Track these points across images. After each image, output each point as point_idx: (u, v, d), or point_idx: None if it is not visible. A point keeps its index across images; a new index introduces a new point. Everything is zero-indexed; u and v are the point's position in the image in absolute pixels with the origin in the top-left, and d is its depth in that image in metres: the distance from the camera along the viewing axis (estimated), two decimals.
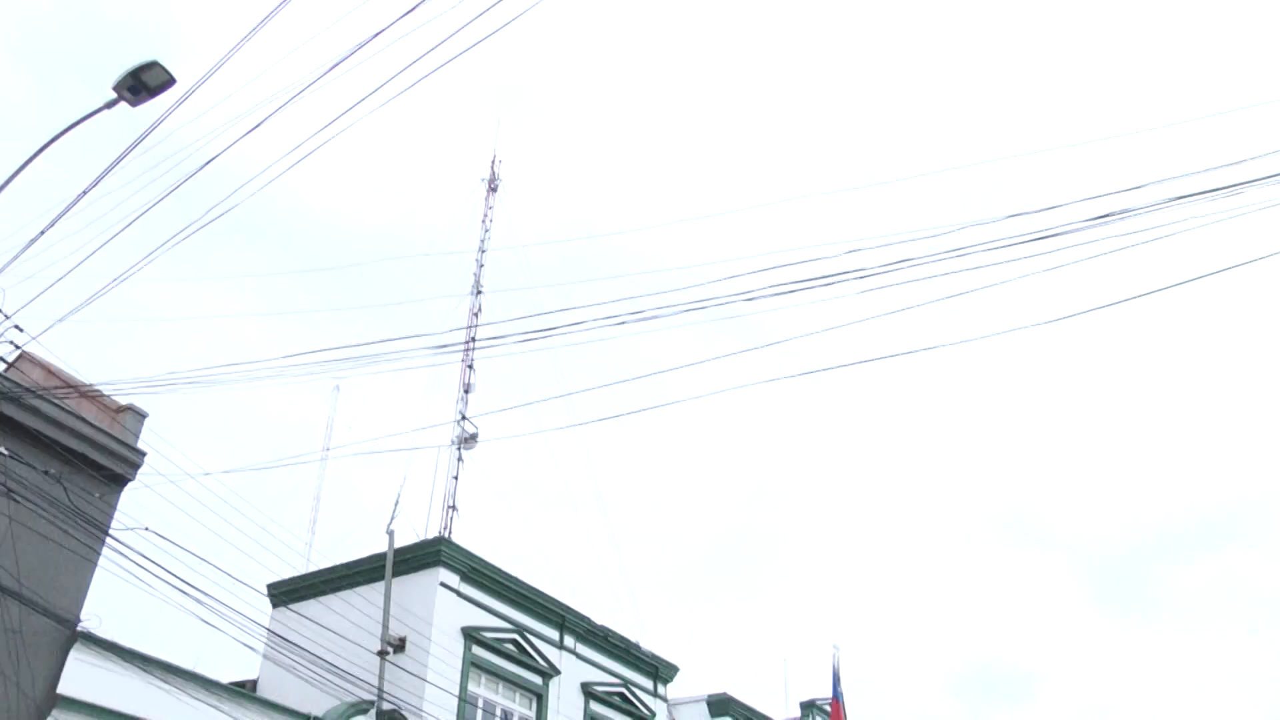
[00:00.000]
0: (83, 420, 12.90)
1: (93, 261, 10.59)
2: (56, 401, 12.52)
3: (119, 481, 13.29)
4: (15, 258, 10.05)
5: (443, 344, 10.96)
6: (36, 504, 11.89)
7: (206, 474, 13.28)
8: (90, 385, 13.12)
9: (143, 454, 13.56)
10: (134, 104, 10.00)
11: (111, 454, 13.14)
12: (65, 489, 12.32)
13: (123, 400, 13.82)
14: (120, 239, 10.38)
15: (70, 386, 12.79)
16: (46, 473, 12.17)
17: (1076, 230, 8.78)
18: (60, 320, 10.77)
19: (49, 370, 13.10)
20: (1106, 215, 8.70)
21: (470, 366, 22.54)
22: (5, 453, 11.84)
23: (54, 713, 11.87)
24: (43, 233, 9.90)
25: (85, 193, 9.59)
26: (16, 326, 10.71)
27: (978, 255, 8.90)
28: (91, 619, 12.48)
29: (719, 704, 29.09)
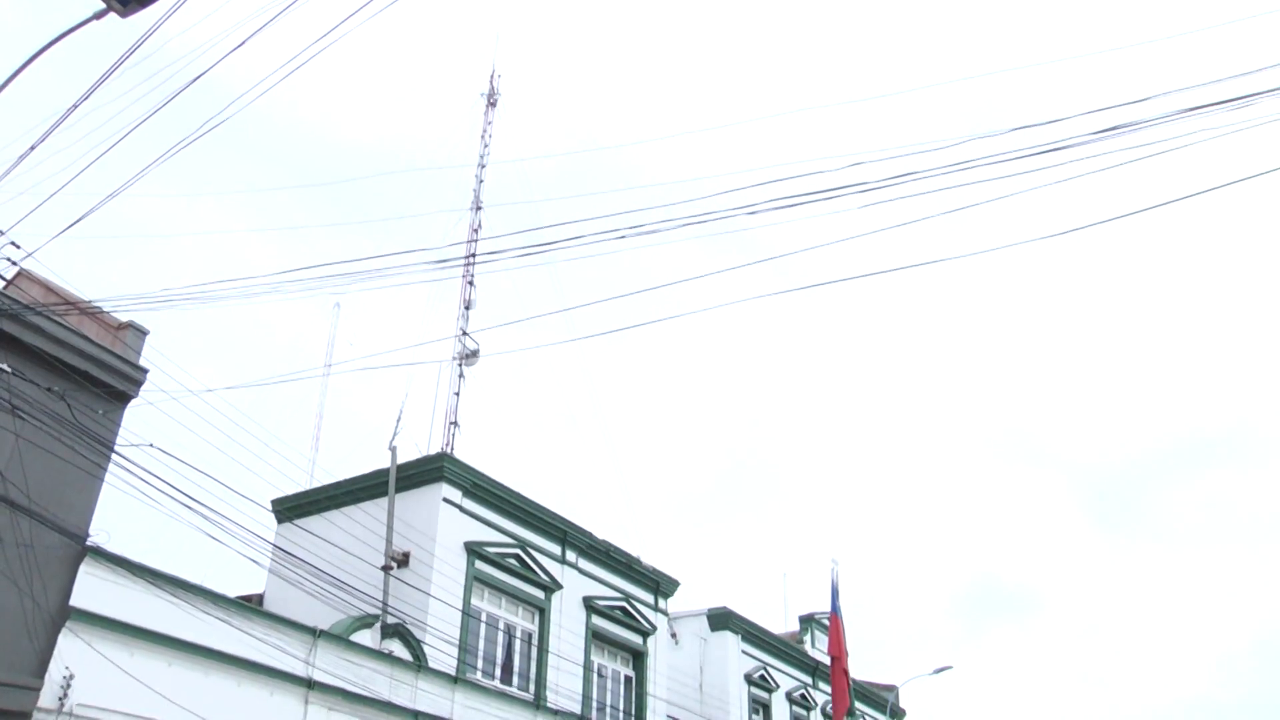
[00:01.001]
0: (84, 338, 12.91)
1: (87, 177, 10.48)
2: (57, 319, 12.51)
3: (122, 399, 13.36)
4: (7, 173, 9.94)
5: (442, 259, 10.89)
6: (42, 421, 11.97)
7: (209, 390, 13.34)
8: (90, 302, 13.09)
9: (145, 371, 13.59)
10: (124, 14, 9.76)
11: (114, 371, 13.18)
12: (69, 406, 12.39)
13: (122, 317, 13.81)
14: (114, 154, 10.25)
15: (70, 304, 12.76)
16: (50, 390, 12.22)
17: (1083, 143, 8.66)
18: (57, 236, 10.70)
19: (48, 288, 13.06)
20: (1114, 128, 8.57)
21: (470, 283, 22.48)
22: (8, 370, 11.87)
23: (67, 624, 12.11)
24: (33, 148, 9.77)
25: (76, 106, 9.44)
26: (13, 243, 10.65)
27: (982, 169, 8.80)
28: (100, 534, 12.66)
29: (719, 618, 29.66)
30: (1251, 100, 7.93)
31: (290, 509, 20.98)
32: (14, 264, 11.13)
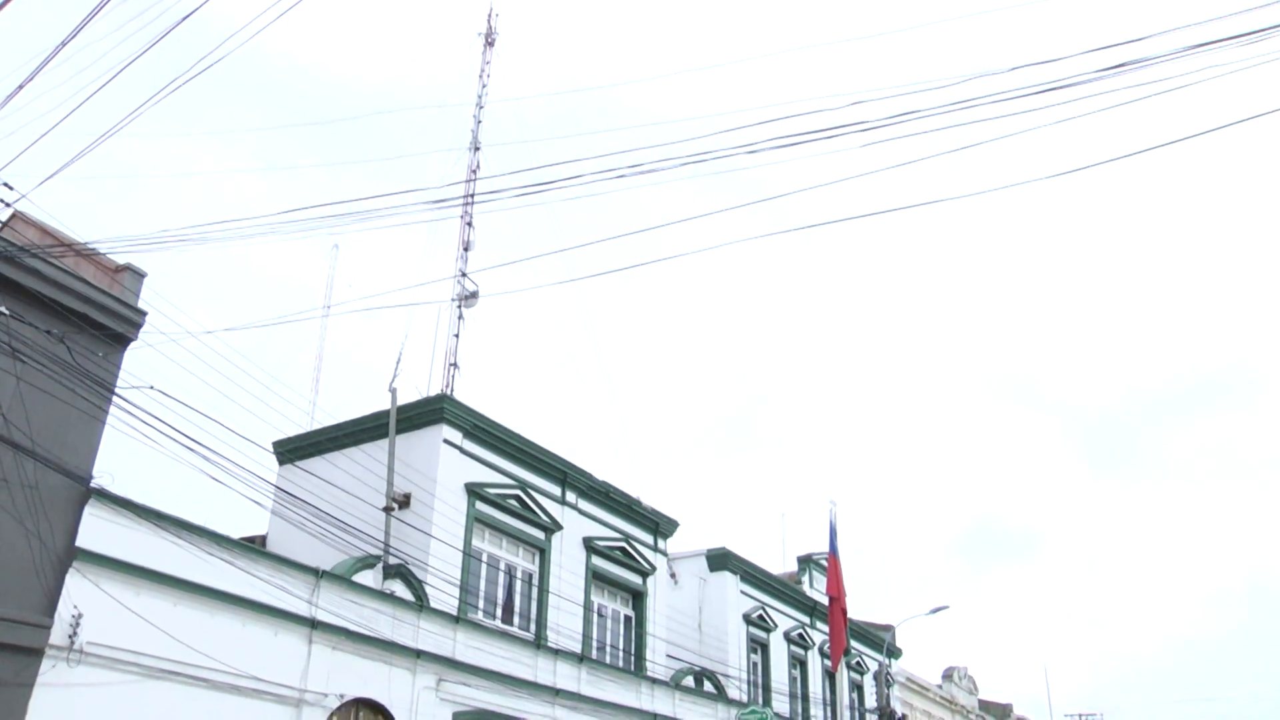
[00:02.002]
0: (82, 280, 12.87)
1: (80, 118, 10.37)
2: (53, 261, 12.45)
3: (121, 341, 13.35)
4: None
5: (440, 199, 10.82)
6: (42, 363, 11.97)
7: (209, 332, 13.33)
8: (86, 244, 13.02)
9: (143, 313, 13.57)
10: None
11: (112, 314, 13.16)
12: (69, 348, 12.38)
13: (120, 259, 13.75)
14: (107, 94, 10.13)
15: (66, 245, 12.69)
16: (49, 332, 12.21)
17: (1085, 82, 8.56)
18: (51, 176, 10.60)
19: (43, 230, 12.98)
20: (1117, 66, 8.46)
21: (469, 224, 22.36)
22: (6, 312, 11.85)
23: (74, 565, 12.23)
24: (21, 87, 9.64)
25: (65, 43, 9.30)
26: (5, 184, 10.55)
27: (983, 108, 8.71)
28: (103, 476, 12.73)
29: (718, 558, 29.96)
30: (1262, 35, 7.82)
31: (291, 451, 21.09)
32: (7, 205, 11.04)
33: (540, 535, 21.67)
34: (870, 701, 35.17)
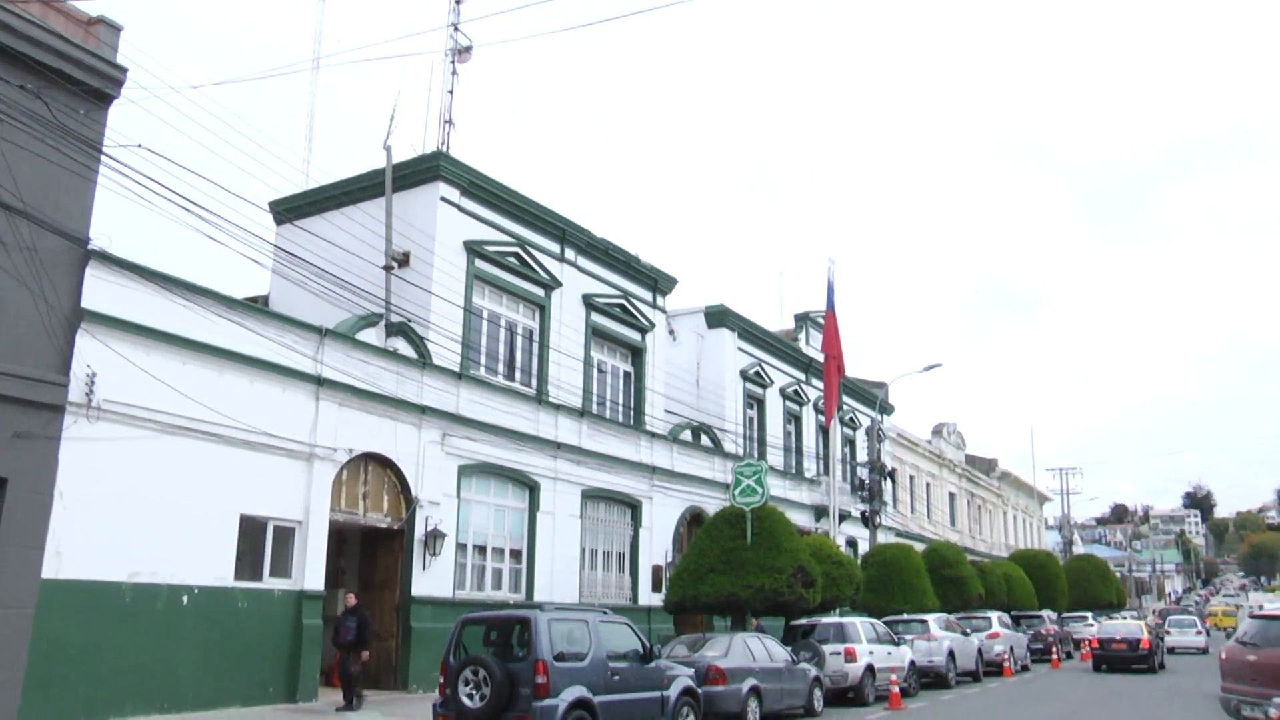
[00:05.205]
0: (52, 33, 12.24)
1: None
2: (15, 9, 11.79)
3: (103, 98, 12.87)
4: None
5: None
6: (21, 122, 11.60)
7: (196, 87, 12.87)
8: None
9: (124, 69, 13.02)
10: None
11: (89, 69, 12.61)
12: (47, 105, 11.97)
13: (91, 10, 13.06)
14: None
15: None
16: (23, 88, 11.75)
17: None
18: None
19: None
20: None
21: None
22: None
23: (83, 326, 12.34)
24: None
25: None
26: None
27: None
28: (101, 238, 12.61)
29: (716, 315, 30.34)
30: None
31: (288, 210, 20.89)
32: None
33: (540, 292, 21.83)
34: (862, 455, 36.60)
